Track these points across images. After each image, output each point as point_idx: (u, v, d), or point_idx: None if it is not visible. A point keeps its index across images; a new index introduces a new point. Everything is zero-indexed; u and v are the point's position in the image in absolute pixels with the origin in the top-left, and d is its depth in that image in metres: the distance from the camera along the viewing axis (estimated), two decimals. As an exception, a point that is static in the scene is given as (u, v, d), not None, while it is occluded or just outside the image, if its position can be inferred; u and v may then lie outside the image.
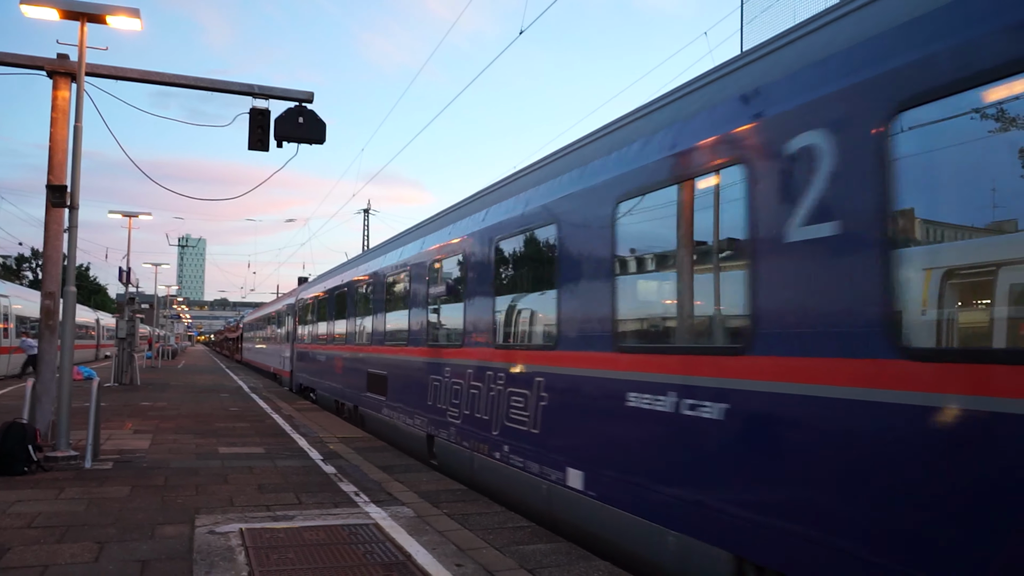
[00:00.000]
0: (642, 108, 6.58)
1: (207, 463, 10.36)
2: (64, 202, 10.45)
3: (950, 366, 3.53)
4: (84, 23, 10.60)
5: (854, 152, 4.07)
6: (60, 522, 6.92)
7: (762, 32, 10.62)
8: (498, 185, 9.64)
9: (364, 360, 14.81)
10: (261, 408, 19.02)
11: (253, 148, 11.80)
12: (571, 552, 6.21)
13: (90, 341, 50.26)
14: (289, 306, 28.12)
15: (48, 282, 11.22)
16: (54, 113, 11.21)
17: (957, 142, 3.73)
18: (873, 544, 3.78)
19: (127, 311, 29.75)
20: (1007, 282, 3.58)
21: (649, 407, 5.58)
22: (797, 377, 4.31)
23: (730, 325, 5.12)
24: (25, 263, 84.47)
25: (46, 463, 9.58)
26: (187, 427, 14.51)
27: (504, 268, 8.74)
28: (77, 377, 20.73)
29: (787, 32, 5.10)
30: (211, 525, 6.88)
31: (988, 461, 3.31)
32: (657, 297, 6.22)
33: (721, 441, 4.85)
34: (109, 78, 11.72)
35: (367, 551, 6.16)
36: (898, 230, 3.87)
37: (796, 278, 4.39)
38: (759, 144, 4.79)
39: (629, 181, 6.14)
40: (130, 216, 33.55)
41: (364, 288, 15.35)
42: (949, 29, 3.66)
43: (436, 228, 11.41)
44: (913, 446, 3.61)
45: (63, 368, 10.27)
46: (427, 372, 10.73)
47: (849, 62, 4.22)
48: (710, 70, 5.79)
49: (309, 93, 12.14)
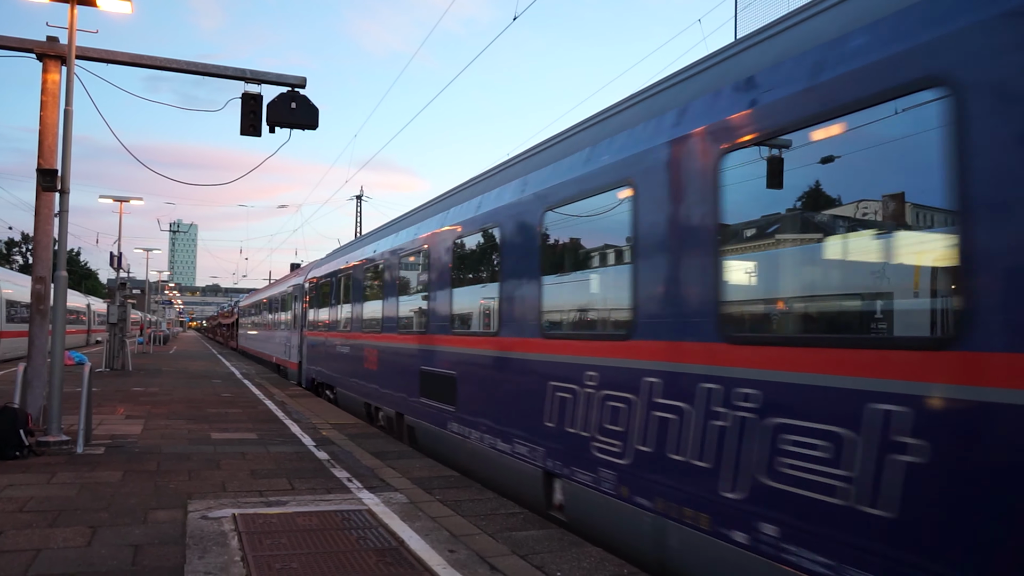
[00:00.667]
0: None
1: (199, 448, 10.36)
2: (54, 186, 10.38)
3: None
4: (74, 5, 10.50)
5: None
6: (52, 506, 6.91)
7: (756, 20, 10.60)
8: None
9: (415, 354, 11.10)
10: (254, 394, 19.01)
11: (245, 133, 11.75)
12: (563, 538, 6.25)
13: (81, 326, 50.04)
14: (297, 287, 24.06)
15: (39, 267, 11.15)
16: (44, 96, 11.11)
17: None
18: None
19: (118, 296, 29.65)
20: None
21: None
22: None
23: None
24: (15, 248, 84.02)
25: (38, 448, 9.56)
26: (179, 412, 14.49)
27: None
28: (68, 362, 20.64)
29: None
30: (204, 510, 6.89)
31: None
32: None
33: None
34: (100, 61, 11.61)
35: (360, 537, 6.19)
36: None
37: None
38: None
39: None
40: (121, 201, 33.38)
41: (416, 258, 11.67)
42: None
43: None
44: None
45: (54, 353, 10.23)
46: (544, 376, 7.17)
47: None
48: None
49: (302, 78, 12.07)
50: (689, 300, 5.22)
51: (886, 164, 4.20)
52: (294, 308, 24.22)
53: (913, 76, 3.74)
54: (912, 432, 3.62)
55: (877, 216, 4.20)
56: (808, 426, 4.18)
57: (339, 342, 16.84)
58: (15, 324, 30.33)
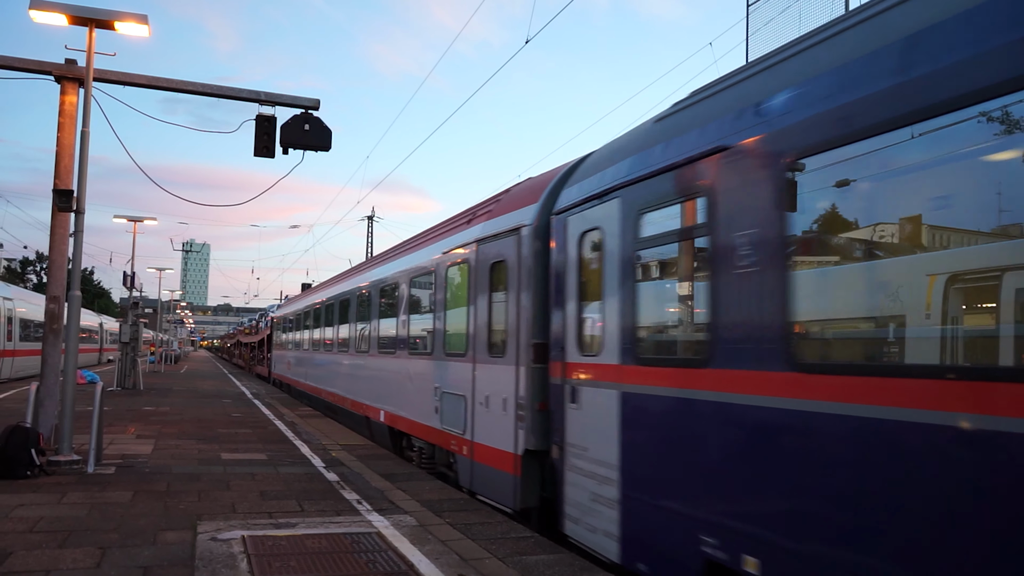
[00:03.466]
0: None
1: (209, 469, 10.34)
2: (70, 206, 10.48)
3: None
4: (92, 29, 10.66)
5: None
6: (62, 527, 6.90)
7: (767, 43, 10.62)
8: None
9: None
10: (263, 414, 19.00)
11: (259, 154, 11.82)
12: (574, 563, 6.18)
13: (93, 345, 50.34)
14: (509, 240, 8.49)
15: (53, 286, 11.23)
16: (61, 118, 11.25)
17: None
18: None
19: (131, 315, 29.80)
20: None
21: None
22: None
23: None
24: (30, 266, 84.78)
25: (49, 467, 9.57)
26: (189, 432, 14.49)
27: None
28: (80, 381, 20.73)
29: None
30: (213, 532, 6.86)
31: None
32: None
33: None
34: (117, 83, 11.76)
35: (369, 560, 6.14)
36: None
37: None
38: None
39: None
40: (135, 221, 33.59)
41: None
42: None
43: None
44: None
45: (67, 372, 10.27)
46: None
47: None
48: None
49: (315, 100, 12.17)
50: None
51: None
52: (478, 304, 9.25)
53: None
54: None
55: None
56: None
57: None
58: (29, 343, 30.53)
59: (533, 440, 7.57)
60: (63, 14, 10.44)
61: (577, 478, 6.79)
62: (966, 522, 3.42)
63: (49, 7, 10.36)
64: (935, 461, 3.57)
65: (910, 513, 3.66)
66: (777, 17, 10.62)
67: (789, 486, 4.35)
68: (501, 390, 8.20)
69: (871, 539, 3.83)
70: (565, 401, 7.06)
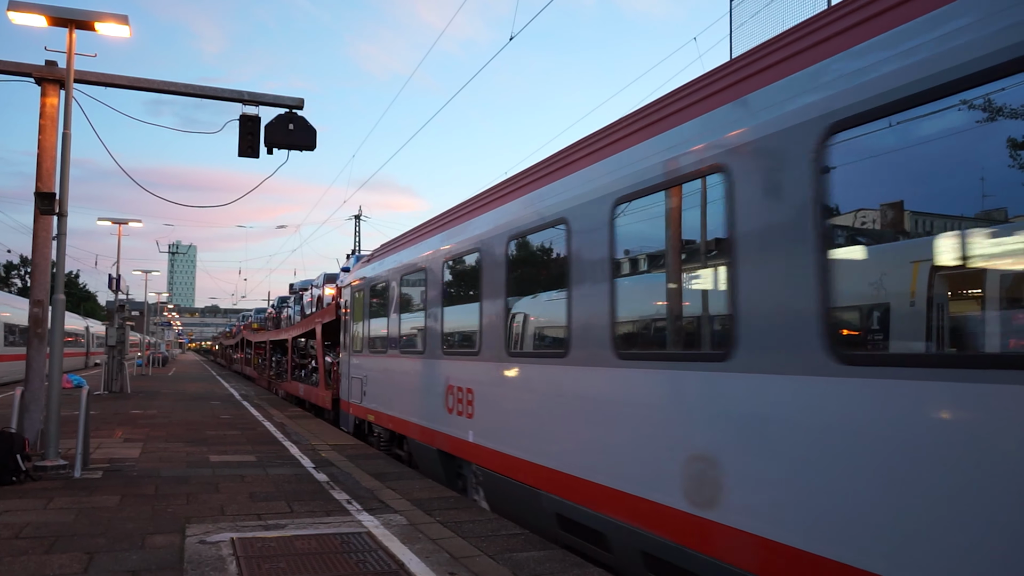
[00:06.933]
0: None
1: (198, 471, 10.29)
2: (52, 209, 10.39)
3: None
4: (72, 30, 10.56)
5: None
6: (49, 532, 6.84)
7: (751, 38, 10.67)
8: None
9: None
10: (252, 416, 18.92)
11: (243, 155, 11.76)
12: (565, 559, 6.19)
13: (79, 349, 49.93)
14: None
15: (36, 290, 11.14)
16: (42, 120, 11.15)
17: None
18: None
19: (117, 318, 29.59)
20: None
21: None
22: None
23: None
24: (14, 270, 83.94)
25: (35, 472, 9.49)
26: (178, 435, 14.41)
27: None
28: (66, 385, 20.60)
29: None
30: (202, 534, 6.82)
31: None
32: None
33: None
34: (98, 85, 11.67)
35: (360, 560, 6.12)
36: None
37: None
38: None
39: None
40: (120, 223, 33.33)
41: None
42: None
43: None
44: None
45: (52, 376, 10.18)
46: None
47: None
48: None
49: (299, 100, 12.12)
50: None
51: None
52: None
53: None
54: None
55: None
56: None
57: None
58: (13, 348, 30.25)
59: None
60: (42, 15, 10.34)
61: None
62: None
63: (28, 8, 10.26)
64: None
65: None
66: (761, 11, 10.67)
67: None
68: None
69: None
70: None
